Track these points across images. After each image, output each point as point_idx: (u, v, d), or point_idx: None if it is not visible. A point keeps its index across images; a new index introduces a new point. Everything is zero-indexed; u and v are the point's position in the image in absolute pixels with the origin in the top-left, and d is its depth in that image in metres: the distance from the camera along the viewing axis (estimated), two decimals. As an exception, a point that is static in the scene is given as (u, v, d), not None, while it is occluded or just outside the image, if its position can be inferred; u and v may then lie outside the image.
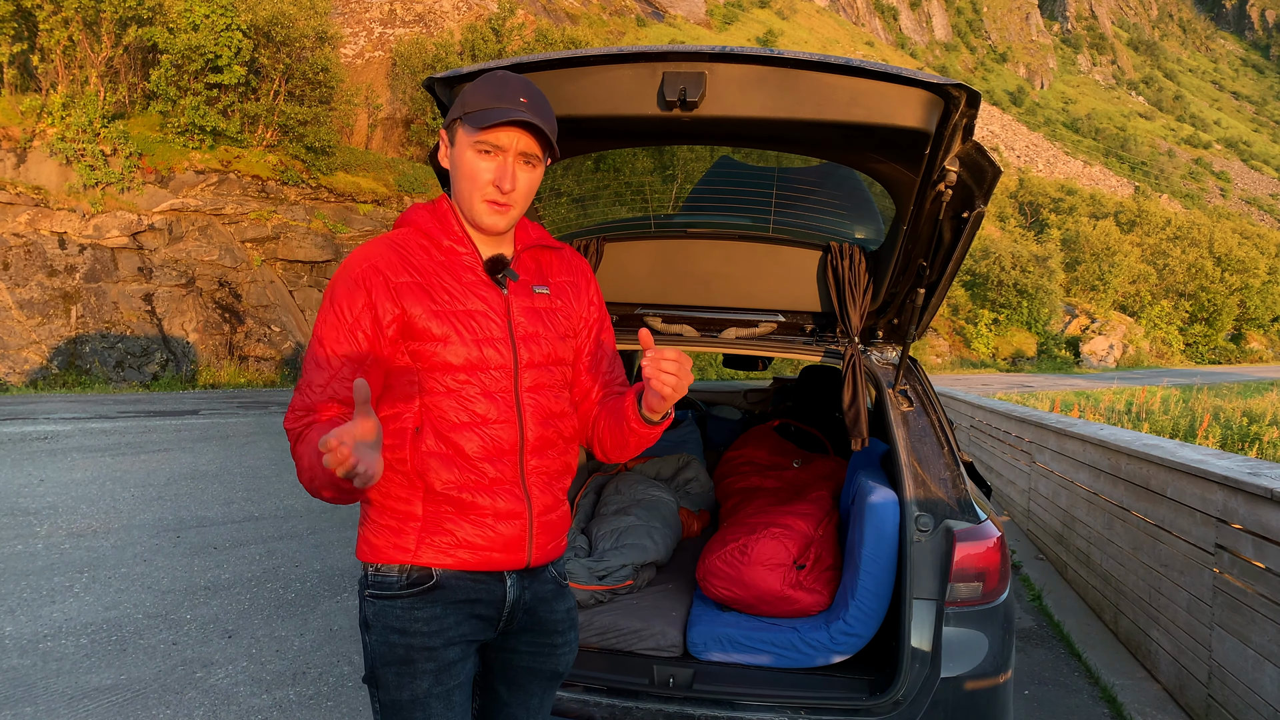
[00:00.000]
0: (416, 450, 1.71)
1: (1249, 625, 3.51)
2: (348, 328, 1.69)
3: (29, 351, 16.04)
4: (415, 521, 1.73)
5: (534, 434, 1.79)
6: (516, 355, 1.77)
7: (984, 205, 2.49)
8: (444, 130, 1.80)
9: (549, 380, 1.83)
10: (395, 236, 1.78)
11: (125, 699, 3.81)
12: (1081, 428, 6.08)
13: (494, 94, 1.70)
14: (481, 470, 1.74)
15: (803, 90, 2.12)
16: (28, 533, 6.35)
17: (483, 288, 1.77)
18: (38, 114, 17.62)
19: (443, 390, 1.72)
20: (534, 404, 1.80)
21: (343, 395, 1.68)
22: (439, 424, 1.72)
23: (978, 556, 2.52)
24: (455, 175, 1.76)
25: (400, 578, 1.73)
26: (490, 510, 1.74)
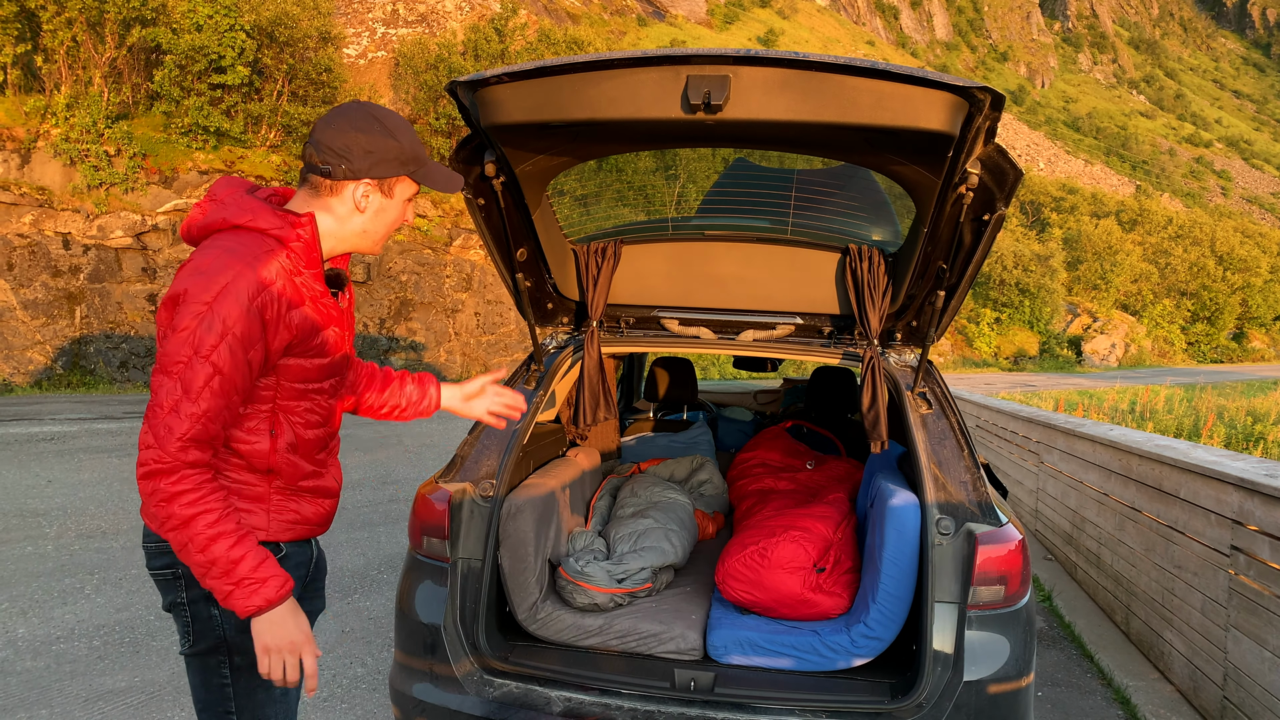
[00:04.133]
0: (274, 449, 1.87)
1: (1266, 627, 3.50)
2: (243, 355, 1.73)
3: (33, 352, 16.05)
4: (264, 503, 1.90)
5: (337, 420, 2.06)
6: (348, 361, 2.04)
7: (1005, 208, 2.49)
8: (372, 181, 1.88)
9: (349, 381, 2.18)
10: (267, 248, 1.78)
11: (140, 701, 3.81)
12: (1091, 428, 6.08)
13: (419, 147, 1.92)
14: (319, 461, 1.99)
15: (827, 93, 2.11)
16: (37, 534, 6.35)
17: (327, 300, 1.92)
18: (42, 115, 17.61)
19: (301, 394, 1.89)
20: (341, 400, 2.09)
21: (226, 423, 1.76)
22: (294, 424, 1.90)
23: (1000, 559, 2.51)
24: (379, 221, 1.93)
25: None
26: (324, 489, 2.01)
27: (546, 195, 2.96)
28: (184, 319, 1.69)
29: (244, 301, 1.70)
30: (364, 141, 1.85)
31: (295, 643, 1.76)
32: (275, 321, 1.75)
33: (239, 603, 1.71)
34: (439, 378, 2.39)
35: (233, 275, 1.70)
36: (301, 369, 1.86)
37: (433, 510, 2.75)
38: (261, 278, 1.73)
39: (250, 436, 1.84)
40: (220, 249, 1.74)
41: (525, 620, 2.87)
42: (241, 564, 1.70)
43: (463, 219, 24.19)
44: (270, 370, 1.82)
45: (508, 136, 2.46)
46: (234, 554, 1.69)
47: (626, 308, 3.41)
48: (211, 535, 1.68)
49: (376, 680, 4.10)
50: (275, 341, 1.77)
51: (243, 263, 1.72)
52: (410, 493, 8.38)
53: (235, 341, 1.69)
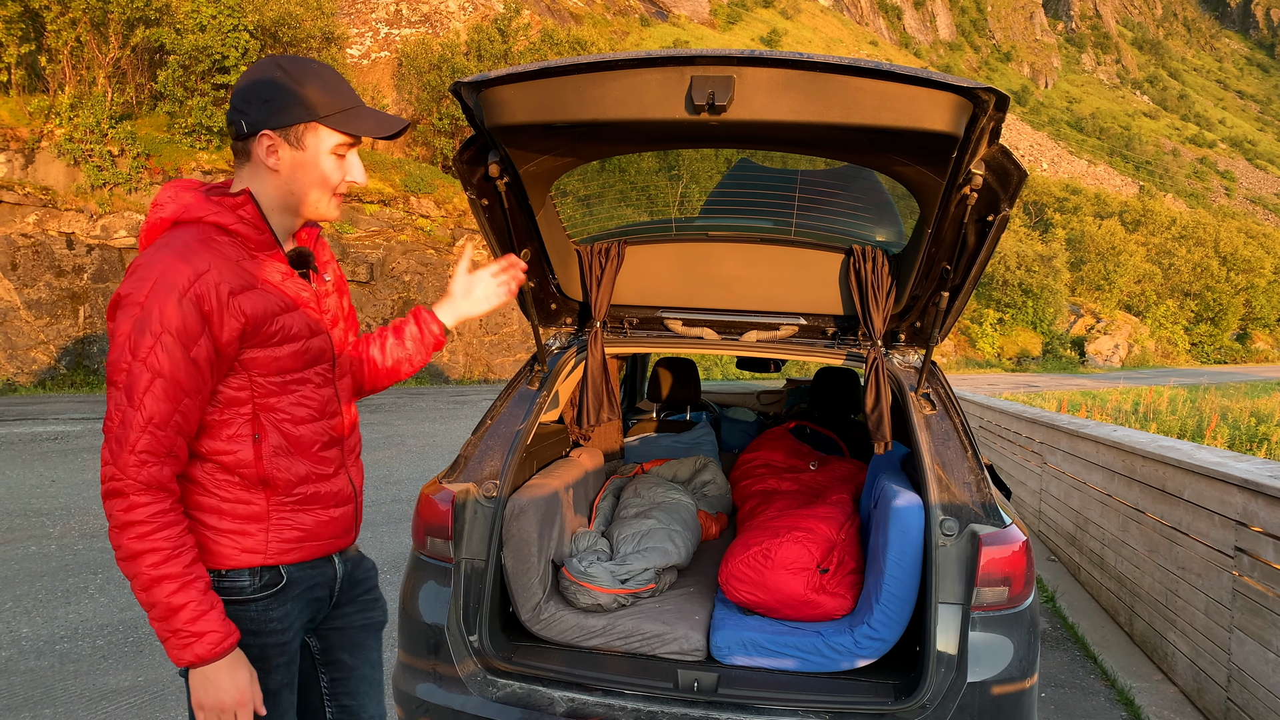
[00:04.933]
0: (261, 453, 1.72)
1: (1270, 628, 3.50)
2: (186, 350, 1.59)
3: (37, 352, 16.08)
4: (259, 522, 1.74)
5: (348, 415, 1.91)
6: (331, 343, 1.86)
7: (1009, 209, 2.49)
8: (273, 132, 1.69)
9: (346, 362, 1.96)
10: (202, 236, 1.66)
11: (144, 700, 3.82)
12: (1095, 429, 6.07)
13: (340, 95, 1.74)
14: (320, 462, 1.81)
15: (831, 94, 2.11)
16: (41, 534, 6.36)
17: (293, 281, 1.79)
18: (45, 115, 17.65)
19: (281, 389, 1.74)
20: (344, 388, 1.91)
21: (184, 431, 1.62)
22: (281, 423, 1.75)
23: (1004, 561, 2.51)
24: (300, 177, 1.73)
25: (253, 581, 1.74)
26: (330, 496, 1.83)
27: (550, 196, 2.96)
28: (120, 323, 1.58)
29: (175, 295, 1.57)
30: (260, 90, 1.68)
31: (225, 704, 1.63)
32: (218, 311, 1.61)
33: (173, 653, 1.60)
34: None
35: (161, 270, 1.58)
36: (273, 360, 1.71)
37: (436, 510, 2.75)
38: (193, 267, 1.59)
39: (231, 445, 1.69)
40: (155, 248, 1.64)
41: (529, 621, 2.87)
42: (181, 612, 1.58)
43: (466, 219, 24.21)
44: (237, 367, 1.68)
45: (511, 137, 2.46)
46: (174, 600, 1.57)
47: (630, 308, 3.41)
48: (155, 576, 1.57)
49: (379, 680, 4.11)
50: (224, 333, 1.62)
51: (173, 255, 1.60)
52: (413, 493, 8.39)
53: (172, 340, 1.56)
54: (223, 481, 1.71)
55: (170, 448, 1.60)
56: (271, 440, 1.73)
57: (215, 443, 1.69)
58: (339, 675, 2.00)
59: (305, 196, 1.76)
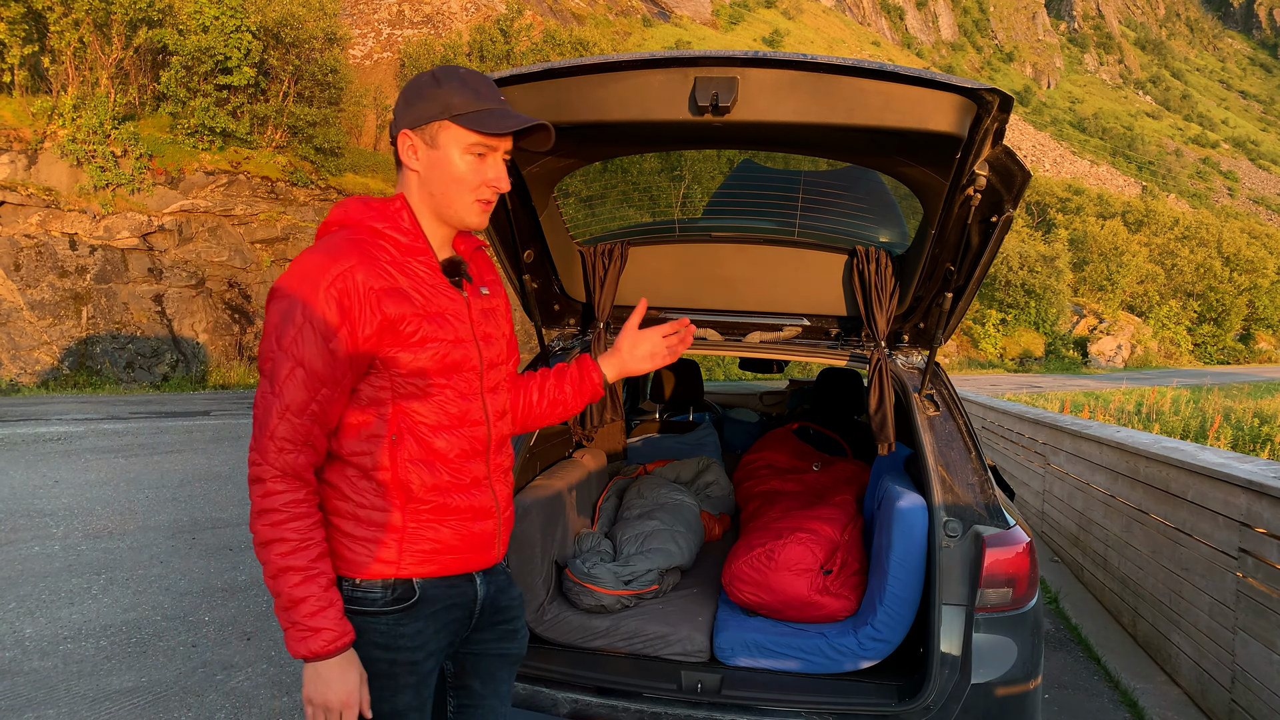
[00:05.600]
0: (397, 457, 1.71)
1: (1274, 630, 3.49)
2: (326, 340, 1.62)
3: (40, 352, 16.10)
4: (395, 532, 1.71)
5: (495, 431, 1.86)
6: (481, 356, 1.82)
7: (1013, 209, 2.49)
8: (410, 131, 1.73)
9: (500, 378, 1.91)
10: (354, 237, 1.70)
11: (147, 701, 3.82)
12: (1098, 430, 6.06)
13: (479, 95, 1.72)
14: (459, 473, 1.77)
15: (835, 95, 2.11)
16: (44, 534, 6.37)
17: (445, 290, 1.78)
18: (48, 115, 17.67)
19: (420, 394, 1.73)
20: (493, 403, 1.87)
21: (321, 421, 1.64)
22: (418, 429, 1.73)
23: (1007, 562, 2.51)
24: (439, 177, 1.74)
25: (385, 593, 1.72)
26: (468, 510, 1.78)
27: (553, 197, 2.96)
28: (270, 313, 1.64)
29: (319, 288, 1.61)
30: (407, 94, 1.75)
31: (331, 702, 1.63)
32: (358, 307, 1.63)
33: (290, 644, 1.62)
34: None
35: (310, 265, 1.64)
36: (413, 363, 1.70)
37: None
38: (339, 263, 1.64)
39: (368, 446, 1.70)
40: (311, 246, 1.70)
41: (532, 621, 2.88)
42: (302, 605, 1.59)
43: (468, 220, 24.21)
44: (378, 365, 1.69)
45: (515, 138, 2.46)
46: (297, 592, 1.59)
47: (632, 309, 3.41)
48: (282, 566, 1.59)
49: (382, 681, 4.11)
50: (362, 329, 1.64)
51: (322, 252, 1.65)
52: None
53: (313, 330, 1.60)
54: (361, 487, 1.70)
55: (307, 436, 1.62)
56: (408, 445, 1.72)
57: (354, 443, 1.70)
58: (467, 703, 1.96)
59: (444, 197, 1.75)
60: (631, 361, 2.11)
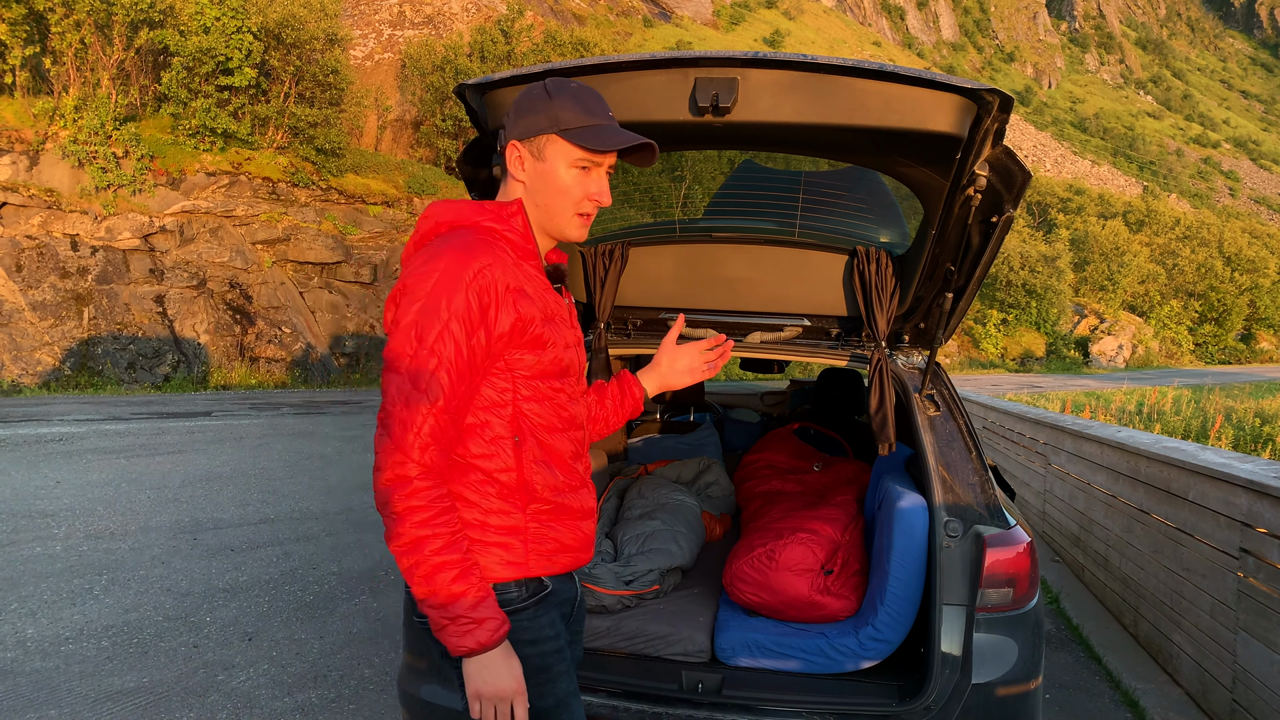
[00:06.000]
0: (521, 458, 1.72)
1: (1275, 630, 3.49)
2: (466, 336, 1.63)
3: (42, 353, 16.11)
4: (520, 534, 1.73)
5: (587, 436, 1.90)
6: (579, 360, 1.86)
7: (1013, 210, 2.49)
8: (519, 142, 1.75)
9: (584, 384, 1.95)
10: (481, 237, 1.71)
11: (148, 701, 3.83)
12: (1099, 430, 6.06)
13: (588, 110, 1.73)
14: (571, 474, 1.80)
15: (836, 96, 2.11)
16: (46, 535, 6.37)
17: (554, 295, 1.81)
18: (50, 117, 17.69)
19: (539, 396, 1.75)
20: (583, 407, 1.90)
21: (457, 420, 1.65)
22: (537, 431, 1.75)
23: (1008, 562, 2.51)
24: (544, 188, 1.76)
25: (520, 593, 1.73)
26: (580, 510, 1.81)
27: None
28: (405, 312, 1.63)
29: (461, 285, 1.62)
30: (519, 104, 1.76)
31: (504, 691, 1.62)
32: (495, 304, 1.65)
33: (451, 640, 1.60)
34: None
35: (447, 261, 1.64)
36: (536, 364, 1.73)
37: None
38: (477, 260, 1.65)
39: (493, 448, 1.70)
40: (435, 246, 1.69)
41: (533, 622, 2.87)
42: (462, 599, 1.58)
43: (469, 220, 24.21)
44: (502, 368, 1.71)
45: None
46: (455, 587, 1.58)
47: (634, 309, 3.41)
48: (437, 564, 1.57)
49: (384, 681, 4.11)
50: (497, 325, 1.66)
51: (457, 249, 1.66)
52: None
53: (458, 326, 1.61)
54: (486, 491, 1.71)
55: (448, 434, 1.63)
56: (531, 446, 1.74)
57: (478, 446, 1.70)
58: None
59: (547, 209, 1.77)
60: (671, 376, 2.14)
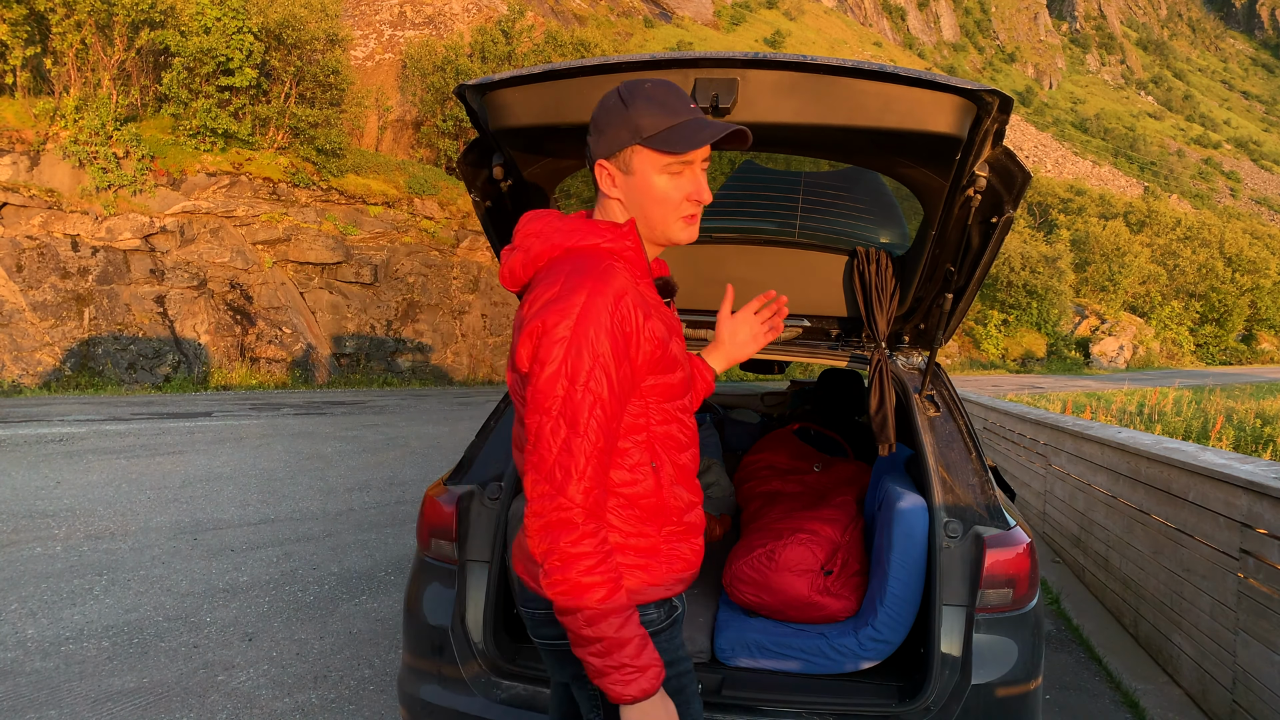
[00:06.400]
0: (662, 482, 1.68)
1: (1275, 631, 3.49)
2: (616, 375, 1.58)
3: (42, 353, 16.12)
4: (659, 556, 1.70)
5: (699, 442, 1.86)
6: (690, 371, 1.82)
7: (1013, 210, 2.49)
8: (605, 161, 1.68)
9: None
10: (605, 263, 1.65)
11: (148, 702, 3.83)
12: (1099, 430, 6.06)
13: (667, 109, 1.63)
14: (694, 488, 1.77)
15: (835, 97, 2.11)
16: (46, 535, 6.37)
17: (666, 309, 1.76)
18: (51, 117, 17.70)
19: (669, 416, 1.71)
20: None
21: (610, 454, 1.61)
22: (670, 451, 1.71)
23: (1008, 563, 2.51)
24: (642, 201, 1.68)
25: (659, 614, 1.71)
26: (700, 525, 1.78)
27: (554, 198, 2.97)
28: (549, 351, 1.55)
29: (605, 319, 1.56)
30: (597, 119, 1.68)
31: None
32: (635, 335, 1.60)
33: (613, 688, 1.53)
34: None
35: (586, 294, 1.57)
36: (666, 387, 1.69)
37: (441, 512, 2.76)
38: (614, 291, 1.59)
39: (634, 475, 1.66)
40: (563, 273, 1.62)
41: (533, 622, 2.87)
42: (627, 647, 1.52)
43: (470, 220, 24.25)
44: (637, 394, 1.66)
45: (516, 140, 2.46)
46: (622, 634, 1.52)
47: None
48: (601, 610, 1.51)
49: (384, 682, 4.11)
50: (639, 356, 1.62)
51: (591, 279, 1.59)
52: (417, 494, 8.40)
53: (608, 363, 1.55)
54: (628, 516, 1.67)
55: (605, 474, 1.59)
56: (666, 469, 1.70)
57: (620, 472, 1.66)
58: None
59: (651, 220, 1.69)
60: (735, 349, 2.08)
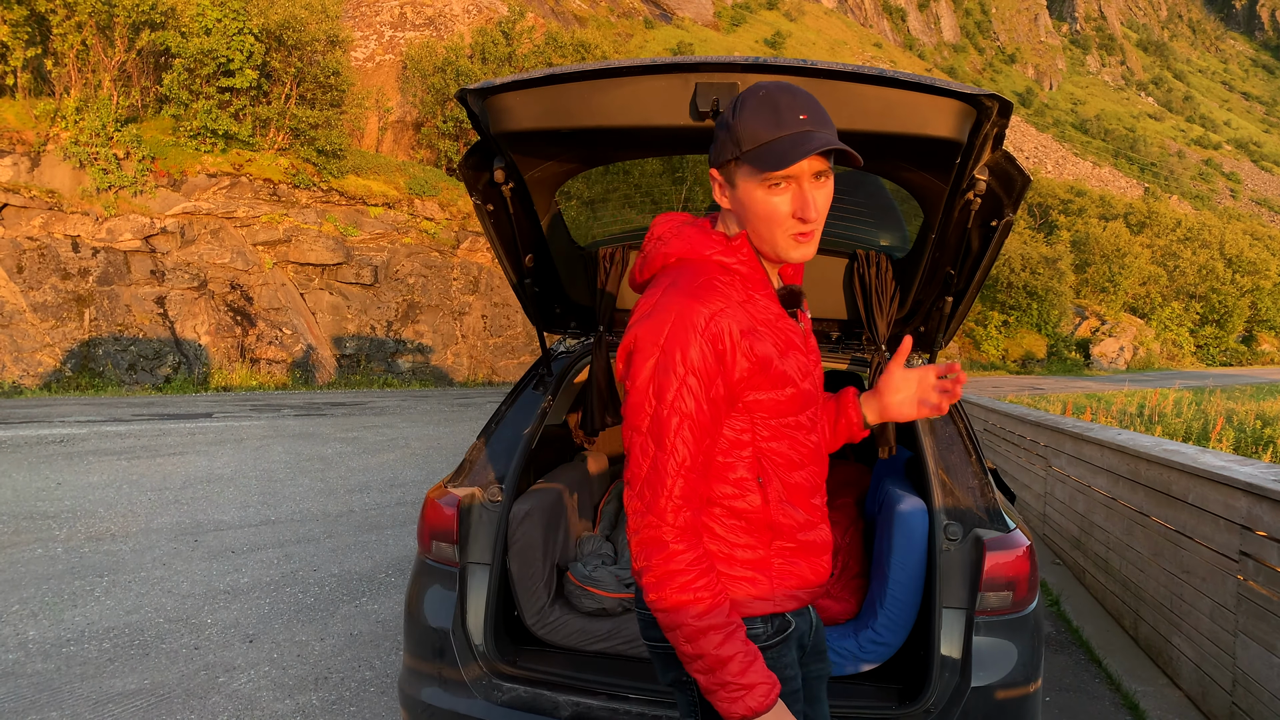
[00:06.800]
0: (768, 498, 1.68)
1: (1274, 633, 3.50)
2: (706, 390, 1.58)
3: (43, 354, 16.13)
4: (766, 570, 1.69)
5: (826, 464, 1.80)
6: (816, 385, 1.77)
7: (1013, 214, 2.50)
8: (715, 170, 1.66)
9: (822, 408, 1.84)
10: (710, 276, 1.64)
11: (149, 704, 3.83)
12: (1099, 432, 6.06)
13: (772, 122, 1.56)
14: (812, 508, 1.74)
15: (836, 101, 2.12)
16: (47, 536, 6.38)
17: (786, 322, 1.72)
18: (51, 118, 17.72)
19: (779, 433, 1.69)
20: (822, 434, 1.80)
21: (704, 473, 1.61)
22: (779, 468, 1.69)
23: (1008, 565, 2.51)
24: (747, 216, 1.63)
25: (766, 629, 1.70)
26: (821, 544, 1.75)
27: (555, 201, 2.97)
28: (639, 368, 1.57)
29: (694, 336, 1.55)
30: (717, 124, 1.66)
31: None
32: (730, 352, 1.58)
33: (723, 706, 1.54)
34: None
35: (676, 311, 1.57)
36: (775, 404, 1.65)
37: (442, 515, 2.76)
38: (706, 307, 1.58)
39: (740, 490, 1.65)
40: (661, 287, 1.63)
41: (534, 624, 2.88)
42: (730, 664, 1.52)
43: (470, 221, 24.26)
44: (741, 409, 1.65)
45: (517, 143, 2.47)
46: (722, 651, 1.52)
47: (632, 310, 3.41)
48: (700, 627, 1.52)
49: (385, 683, 4.12)
50: (734, 374, 1.60)
51: (684, 295, 1.59)
52: (418, 495, 8.41)
53: (696, 382, 1.56)
54: (731, 526, 1.67)
55: (696, 490, 1.59)
56: (774, 485, 1.68)
57: (723, 486, 1.66)
58: None
59: (759, 236, 1.64)
60: (893, 408, 1.91)
